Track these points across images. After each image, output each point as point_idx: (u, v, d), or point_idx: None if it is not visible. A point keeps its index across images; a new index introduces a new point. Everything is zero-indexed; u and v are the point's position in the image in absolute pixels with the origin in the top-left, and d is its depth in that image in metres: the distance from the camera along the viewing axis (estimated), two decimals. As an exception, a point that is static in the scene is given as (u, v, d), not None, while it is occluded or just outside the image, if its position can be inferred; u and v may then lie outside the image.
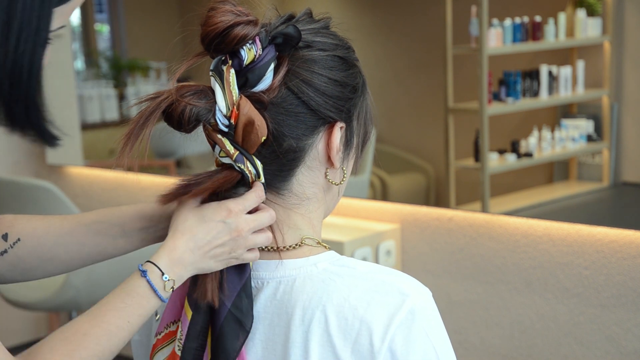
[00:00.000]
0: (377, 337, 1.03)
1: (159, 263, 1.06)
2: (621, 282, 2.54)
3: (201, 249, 1.08)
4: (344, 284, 1.07)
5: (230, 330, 1.08)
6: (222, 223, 1.08)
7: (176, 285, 1.07)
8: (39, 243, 1.21)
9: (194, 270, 1.08)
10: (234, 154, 1.08)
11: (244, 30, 1.06)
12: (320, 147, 1.12)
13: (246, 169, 1.09)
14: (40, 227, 1.22)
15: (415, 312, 1.04)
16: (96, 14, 4.32)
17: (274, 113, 1.09)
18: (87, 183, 3.95)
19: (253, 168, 1.09)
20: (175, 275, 1.07)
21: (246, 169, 1.09)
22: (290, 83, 1.09)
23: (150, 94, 1.07)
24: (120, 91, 4.22)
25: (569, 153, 2.93)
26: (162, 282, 1.06)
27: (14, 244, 1.20)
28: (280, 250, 1.13)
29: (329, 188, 1.16)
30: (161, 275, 1.06)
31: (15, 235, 1.20)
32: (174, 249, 1.07)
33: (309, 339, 1.06)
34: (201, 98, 1.07)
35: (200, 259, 1.08)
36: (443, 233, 2.89)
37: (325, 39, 1.13)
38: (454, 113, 3.10)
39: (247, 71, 1.08)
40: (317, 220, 1.16)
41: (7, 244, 1.20)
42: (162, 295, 1.06)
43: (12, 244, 1.20)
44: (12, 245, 1.20)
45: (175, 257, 1.07)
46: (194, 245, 1.07)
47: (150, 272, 1.06)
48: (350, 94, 1.13)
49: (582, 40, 2.86)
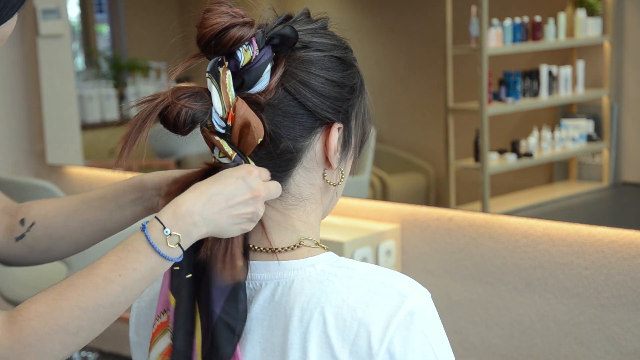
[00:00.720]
0: (375, 338, 1.03)
1: (162, 217, 1.02)
2: (621, 282, 2.54)
3: (216, 205, 1.03)
4: (343, 285, 1.07)
5: (222, 336, 1.07)
6: (242, 180, 1.04)
7: (183, 241, 1.02)
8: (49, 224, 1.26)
9: (206, 227, 1.04)
10: (232, 155, 1.08)
11: (240, 31, 1.06)
12: (318, 148, 1.12)
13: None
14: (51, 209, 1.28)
15: (414, 313, 1.04)
16: (96, 14, 4.32)
17: (271, 114, 1.09)
18: (87, 183, 3.95)
19: None
20: (180, 230, 1.02)
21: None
22: (287, 84, 1.09)
23: (147, 97, 1.07)
24: (120, 91, 4.22)
25: (569, 153, 2.93)
26: (163, 236, 1.01)
27: (29, 227, 1.27)
28: (278, 251, 1.12)
29: (326, 189, 1.15)
30: (162, 228, 1.01)
31: (31, 219, 1.27)
32: (182, 203, 1.02)
33: (307, 341, 1.06)
34: (197, 100, 1.07)
35: (216, 215, 1.03)
36: (443, 233, 2.89)
37: (322, 39, 1.12)
38: (454, 113, 3.10)
39: (244, 72, 1.08)
40: (315, 221, 1.15)
41: (24, 228, 1.27)
42: (163, 251, 1.01)
43: (28, 227, 1.27)
44: (28, 229, 1.27)
45: (181, 210, 1.02)
46: (206, 199, 1.03)
47: (150, 225, 1.02)
48: (347, 95, 1.13)
49: (582, 40, 2.86)
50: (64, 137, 3.95)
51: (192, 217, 1.02)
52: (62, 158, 3.97)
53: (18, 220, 1.27)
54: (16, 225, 1.28)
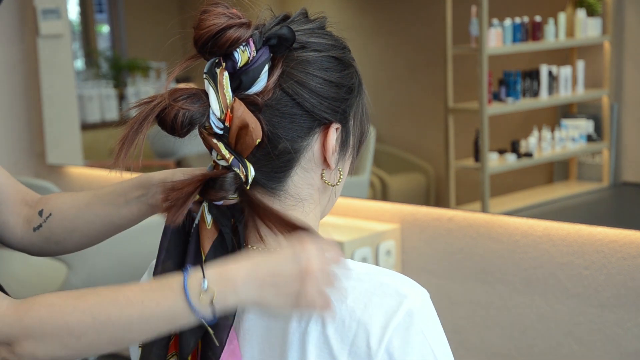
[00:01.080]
0: (374, 339, 1.03)
1: (206, 270, 0.99)
2: (621, 282, 2.54)
3: (260, 279, 0.98)
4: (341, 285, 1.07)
5: None
6: (290, 251, 1.00)
7: (217, 302, 0.98)
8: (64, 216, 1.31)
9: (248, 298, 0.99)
10: (229, 158, 1.08)
11: (237, 32, 1.05)
12: (316, 148, 1.12)
13: (241, 173, 1.08)
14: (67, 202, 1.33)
15: (412, 313, 1.04)
16: (96, 14, 4.32)
17: (268, 115, 1.08)
18: (87, 183, 3.95)
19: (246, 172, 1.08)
20: (218, 290, 0.98)
21: (241, 173, 1.08)
22: (284, 84, 1.08)
23: (145, 99, 1.07)
24: (120, 91, 4.22)
25: (569, 153, 2.93)
26: (198, 288, 0.98)
27: (47, 218, 1.32)
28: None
29: (324, 189, 1.15)
30: (202, 279, 0.98)
31: (49, 210, 1.33)
32: (229, 267, 0.99)
33: (306, 341, 1.06)
34: (195, 102, 1.07)
35: (258, 287, 0.98)
36: (443, 233, 2.88)
37: (320, 39, 1.12)
38: (454, 113, 3.10)
39: (241, 73, 1.07)
40: (313, 221, 1.15)
41: (42, 219, 1.33)
42: (192, 300, 0.97)
43: (45, 218, 1.32)
44: (45, 219, 1.32)
45: (226, 273, 0.99)
46: (251, 268, 0.99)
47: (192, 272, 0.99)
48: (345, 95, 1.13)
49: (582, 40, 2.85)
50: (63, 137, 3.95)
51: (234, 284, 0.99)
52: (62, 158, 3.97)
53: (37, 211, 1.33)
54: (35, 215, 1.33)
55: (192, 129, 1.08)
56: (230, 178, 1.07)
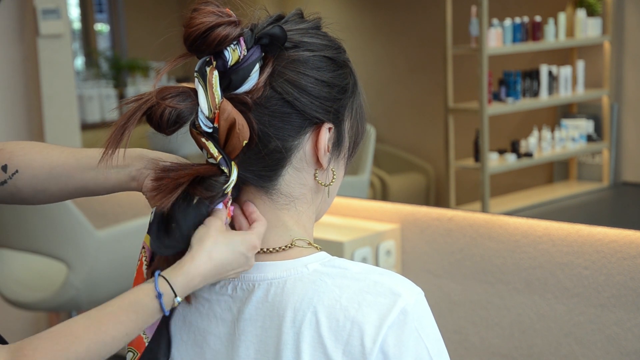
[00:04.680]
0: (368, 338, 1.03)
1: (176, 286, 1.06)
2: (621, 282, 2.53)
3: (217, 275, 1.09)
4: (335, 284, 1.07)
5: None
6: (244, 257, 1.09)
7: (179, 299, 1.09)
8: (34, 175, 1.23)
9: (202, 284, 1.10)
10: (217, 157, 1.08)
11: (225, 31, 1.05)
12: (308, 148, 1.11)
13: (229, 173, 1.09)
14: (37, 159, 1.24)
15: (407, 312, 1.04)
16: (96, 14, 4.32)
17: (259, 114, 1.08)
18: (87, 183, 3.95)
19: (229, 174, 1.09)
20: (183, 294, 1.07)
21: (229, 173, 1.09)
22: (274, 83, 1.08)
23: (133, 97, 1.08)
24: (120, 91, 4.22)
25: (569, 153, 2.92)
26: (171, 303, 1.06)
27: (12, 175, 1.23)
28: (270, 251, 1.12)
29: (318, 189, 1.15)
30: (174, 297, 1.05)
31: (14, 166, 1.23)
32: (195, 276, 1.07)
33: (300, 341, 1.06)
34: (183, 100, 1.07)
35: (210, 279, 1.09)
36: (443, 233, 2.88)
37: (313, 39, 1.12)
38: (454, 113, 3.09)
39: (231, 72, 1.07)
40: (307, 221, 1.15)
41: (7, 175, 1.23)
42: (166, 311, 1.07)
43: (10, 175, 1.23)
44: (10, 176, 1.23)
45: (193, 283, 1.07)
46: (215, 272, 1.08)
47: (165, 296, 1.05)
48: (338, 95, 1.12)
49: (582, 40, 2.85)
50: (64, 137, 3.95)
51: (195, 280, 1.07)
52: (62, 158, 3.97)
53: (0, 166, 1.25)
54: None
55: (180, 127, 1.08)
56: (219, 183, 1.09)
